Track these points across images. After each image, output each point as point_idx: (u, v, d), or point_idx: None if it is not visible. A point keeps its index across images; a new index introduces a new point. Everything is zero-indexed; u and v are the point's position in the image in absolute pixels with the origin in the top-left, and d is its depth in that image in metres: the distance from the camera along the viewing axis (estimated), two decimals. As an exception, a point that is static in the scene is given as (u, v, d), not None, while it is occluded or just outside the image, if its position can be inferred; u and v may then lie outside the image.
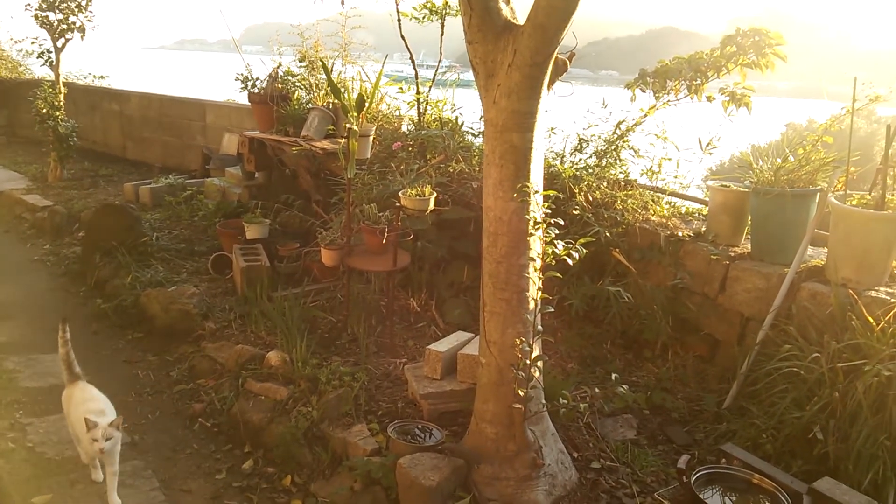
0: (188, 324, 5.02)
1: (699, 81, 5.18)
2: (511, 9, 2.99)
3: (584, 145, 5.52)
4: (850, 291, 3.49)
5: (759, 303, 4.01)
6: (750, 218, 4.35)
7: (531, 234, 2.93)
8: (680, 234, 4.56)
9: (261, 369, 4.15)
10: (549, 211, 2.91)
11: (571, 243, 2.79)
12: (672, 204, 5.34)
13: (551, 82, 3.01)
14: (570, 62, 3.06)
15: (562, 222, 2.92)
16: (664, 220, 4.79)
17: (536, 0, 2.70)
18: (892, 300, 3.41)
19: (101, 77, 12.31)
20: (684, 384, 4.15)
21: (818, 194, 3.98)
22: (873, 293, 3.53)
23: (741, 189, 4.37)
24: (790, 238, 4.01)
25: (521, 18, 2.96)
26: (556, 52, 2.85)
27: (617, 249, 4.57)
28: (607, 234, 4.52)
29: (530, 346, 2.95)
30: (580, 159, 5.44)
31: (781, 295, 3.80)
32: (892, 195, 3.72)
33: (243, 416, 3.86)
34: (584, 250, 2.79)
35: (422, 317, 4.87)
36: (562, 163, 5.35)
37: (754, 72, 5.06)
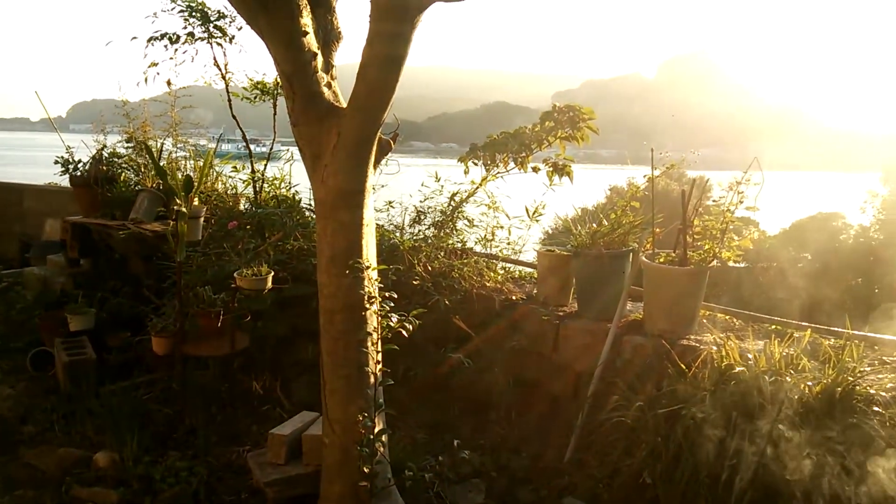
0: (2, 429, 4.52)
1: (524, 154, 5.58)
2: (334, 92, 3.10)
3: (423, 217, 5.71)
4: (664, 342, 3.81)
5: (588, 358, 4.26)
6: (574, 279, 4.66)
7: (367, 309, 2.97)
8: (514, 297, 4.79)
9: (88, 473, 3.81)
10: (383, 285, 2.97)
11: (405, 315, 2.85)
12: (506, 269, 5.61)
13: (377, 161, 3.13)
14: (394, 142, 3.20)
15: (395, 295, 2.98)
16: (499, 286, 5.02)
17: (356, 85, 2.82)
18: (701, 346, 3.76)
19: None
20: (528, 442, 4.28)
21: (630, 254, 4.36)
22: (685, 341, 3.88)
23: (564, 252, 4.69)
24: (610, 295, 4.32)
25: (344, 101, 3.07)
26: (379, 133, 2.97)
27: (457, 316, 4.71)
28: (446, 303, 4.65)
29: (373, 422, 2.95)
30: (419, 231, 5.61)
31: (606, 349, 4.08)
32: (693, 252, 4.15)
33: (67, 528, 3.49)
34: (418, 321, 2.86)
35: (266, 399, 4.70)
36: (402, 235, 5.48)
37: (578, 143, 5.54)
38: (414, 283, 4.79)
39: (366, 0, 2.76)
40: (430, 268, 5.06)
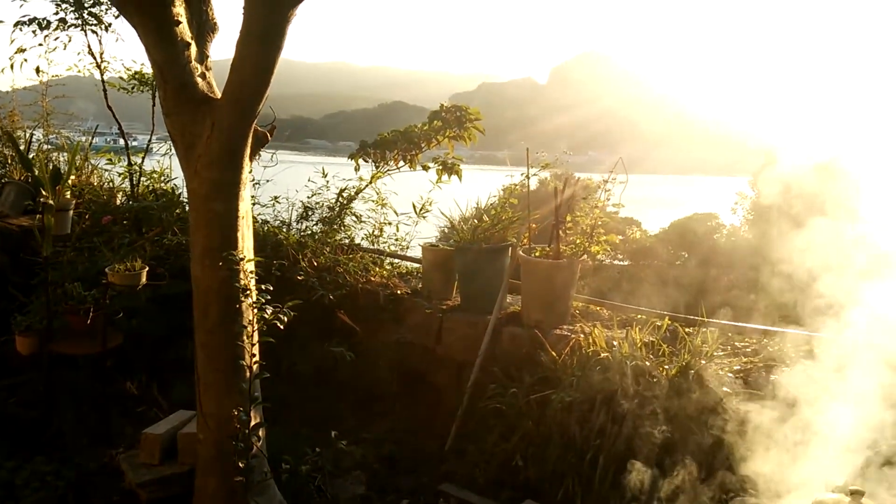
0: None
1: (414, 152, 5.68)
2: (209, 83, 3.06)
3: (311, 213, 5.70)
4: (537, 332, 3.99)
5: (469, 349, 4.39)
6: (457, 273, 4.79)
7: (242, 302, 2.95)
8: (399, 292, 4.86)
9: (-59, 484, 3.55)
10: (257, 278, 2.96)
11: (280, 307, 2.86)
12: (394, 264, 5.68)
13: (253, 153, 3.12)
14: (272, 135, 3.20)
15: (271, 288, 2.98)
16: (385, 281, 5.08)
17: (230, 76, 2.80)
18: (572, 335, 3.97)
19: None
20: (412, 433, 4.37)
21: (509, 248, 4.53)
22: (558, 331, 4.09)
23: (447, 248, 4.81)
24: (490, 289, 4.48)
25: (220, 93, 3.04)
26: (254, 124, 2.96)
27: (342, 311, 4.74)
28: (331, 297, 4.66)
29: (249, 416, 2.93)
30: (306, 227, 5.60)
31: (486, 340, 4.23)
32: (565, 246, 4.37)
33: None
34: (301, 316, 2.88)
35: (143, 399, 4.54)
36: (288, 230, 5.44)
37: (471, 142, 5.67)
38: (298, 278, 4.78)
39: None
40: (315, 263, 5.05)
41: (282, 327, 2.87)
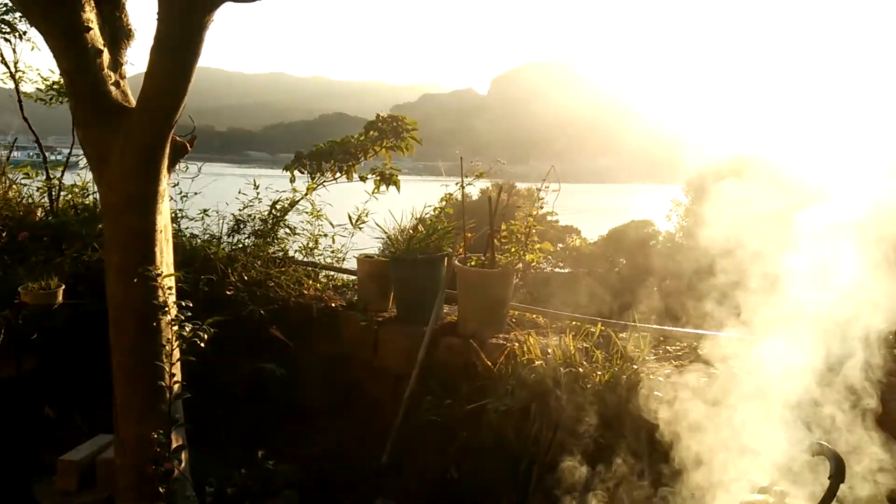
0: None
1: (351, 163, 5.61)
2: (123, 91, 2.94)
3: (242, 226, 5.55)
4: (473, 342, 3.96)
5: (406, 361, 4.33)
6: (393, 284, 4.73)
7: (160, 320, 2.83)
8: (333, 304, 4.77)
9: None
10: (172, 294, 2.85)
11: (199, 324, 2.75)
12: (329, 277, 5.59)
13: (172, 164, 3.00)
14: (192, 145, 3.09)
15: (191, 304, 2.87)
16: (319, 294, 4.98)
17: (145, 84, 2.70)
18: (507, 344, 3.95)
19: None
20: (348, 448, 4.27)
21: (445, 258, 4.50)
22: (494, 340, 4.06)
23: (382, 258, 4.75)
24: (427, 299, 4.43)
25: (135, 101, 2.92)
26: (172, 134, 2.85)
27: (274, 326, 4.61)
28: (262, 312, 4.54)
29: (169, 439, 2.81)
30: (238, 240, 5.45)
31: (423, 351, 4.17)
32: (501, 255, 4.36)
33: None
34: (215, 330, 2.77)
35: (62, 424, 4.33)
36: (218, 244, 5.28)
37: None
38: (228, 293, 4.64)
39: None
40: (246, 277, 4.91)
41: (203, 345, 2.75)
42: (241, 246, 5.31)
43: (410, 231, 4.67)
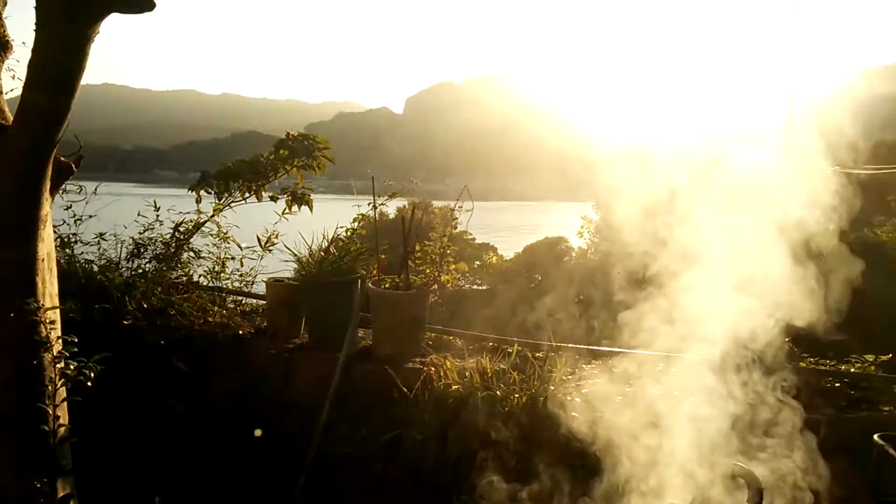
0: None
1: (261, 182, 5.41)
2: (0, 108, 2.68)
3: (143, 250, 5.24)
4: (388, 368, 3.84)
5: (320, 390, 4.15)
6: (304, 309, 4.55)
7: (42, 357, 2.57)
8: (241, 332, 4.55)
9: None
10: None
11: (85, 361, 2.51)
12: (238, 302, 5.34)
13: (55, 187, 2.76)
14: (78, 165, 2.86)
15: (75, 339, 2.62)
16: (226, 321, 4.73)
17: (22, 99, 2.47)
18: (424, 368, 3.85)
19: None
20: (258, 486, 4.05)
21: (358, 281, 4.36)
22: (410, 365, 3.95)
23: (293, 282, 4.57)
24: (340, 324, 4.27)
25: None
26: (54, 155, 2.62)
27: (176, 357, 4.34)
28: (162, 342, 4.26)
29: (54, 489, 2.55)
30: (138, 265, 5.14)
31: (337, 379, 4.01)
32: (415, 277, 4.27)
33: None
34: (100, 367, 2.54)
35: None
36: (116, 270, 4.95)
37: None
38: (125, 322, 4.34)
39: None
40: (146, 305, 4.62)
41: (89, 383, 2.52)
42: (140, 271, 5.01)
43: (322, 253, 4.51)
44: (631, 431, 3.14)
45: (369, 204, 4.63)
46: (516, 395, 3.42)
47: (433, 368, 3.69)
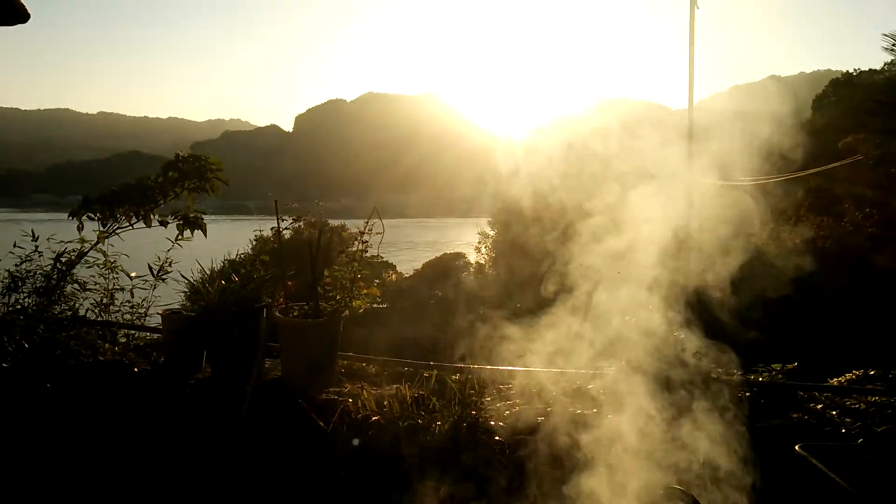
0: None
1: (149, 206, 5.07)
2: None
3: (21, 284, 4.78)
4: (300, 401, 3.65)
5: (225, 429, 3.89)
6: (206, 342, 4.27)
7: None
8: (136, 369, 4.21)
9: None
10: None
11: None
12: (132, 336, 4.97)
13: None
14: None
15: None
16: (118, 358, 4.38)
17: None
18: (340, 399, 3.68)
19: None
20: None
21: (264, 309, 4.14)
22: (325, 396, 3.77)
23: (191, 313, 4.29)
24: (245, 356, 4.03)
25: None
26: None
27: (63, 402, 3.95)
28: (48, 385, 3.87)
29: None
30: (16, 300, 4.69)
31: (244, 417, 3.76)
32: (325, 304, 4.10)
33: None
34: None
35: None
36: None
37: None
38: (3, 366, 3.91)
39: None
40: (26, 345, 4.19)
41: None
42: (19, 307, 4.57)
43: (223, 281, 4.25)
44: (551, 452, 3.13)
45: (272, 229, 4.42)
46: (438, 423, 3.33)
47: (350, 400, 3.53)
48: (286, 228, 4.47)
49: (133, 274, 5.16)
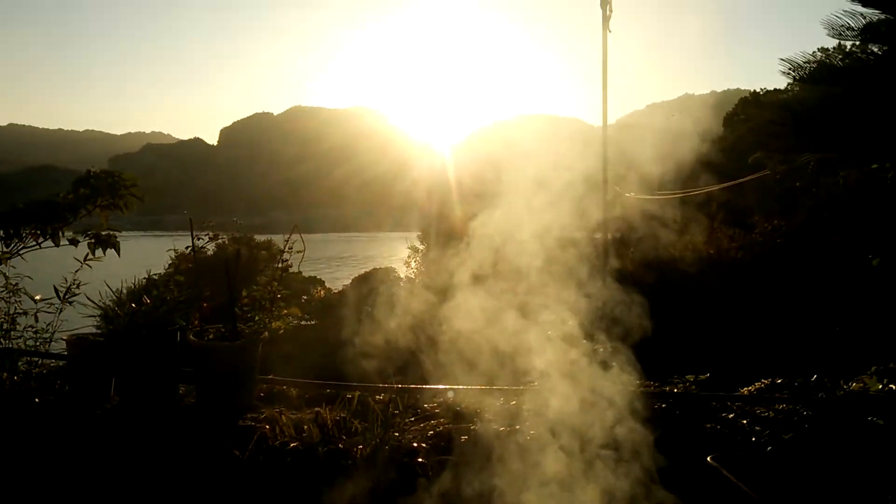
0: None
1: (58, 225, 4.81)
2: None
3: None
4: (216, 429, 3.51)
5: (133, 462, 3.70)
6: (115, 368, 4.06)
7: None
8: (38, 400, 3.96)
9: None
10: None
11: None
12: (34, 364, 4.69)
13: None
14: None
15: None
16: (17, 387, 4.11)
17: None
18: (258, 425, 3.55)
19: None
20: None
21: (178, 333, 3.97)
22: (242, 422, 3.63)
23: (98, 338, 4.07)
24: (157, 383, 3.87)
25: None
26: None
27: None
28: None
29: None
30: None
31: (154, 447, 3.59)
32: (244, 325, 3.97)
33: None
34: None
35: None
36: None
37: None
38: None
39: None
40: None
41: None
42: None
43: (133, 304, 4.06)
44: (477, 473, 3.10)
45: (188, 247, 4.26)
46: (360, 447, 3.25)
47: (268, 425, 3.41)
48: (204, 246, 4.31)
49: (38, 297, 4.88)
